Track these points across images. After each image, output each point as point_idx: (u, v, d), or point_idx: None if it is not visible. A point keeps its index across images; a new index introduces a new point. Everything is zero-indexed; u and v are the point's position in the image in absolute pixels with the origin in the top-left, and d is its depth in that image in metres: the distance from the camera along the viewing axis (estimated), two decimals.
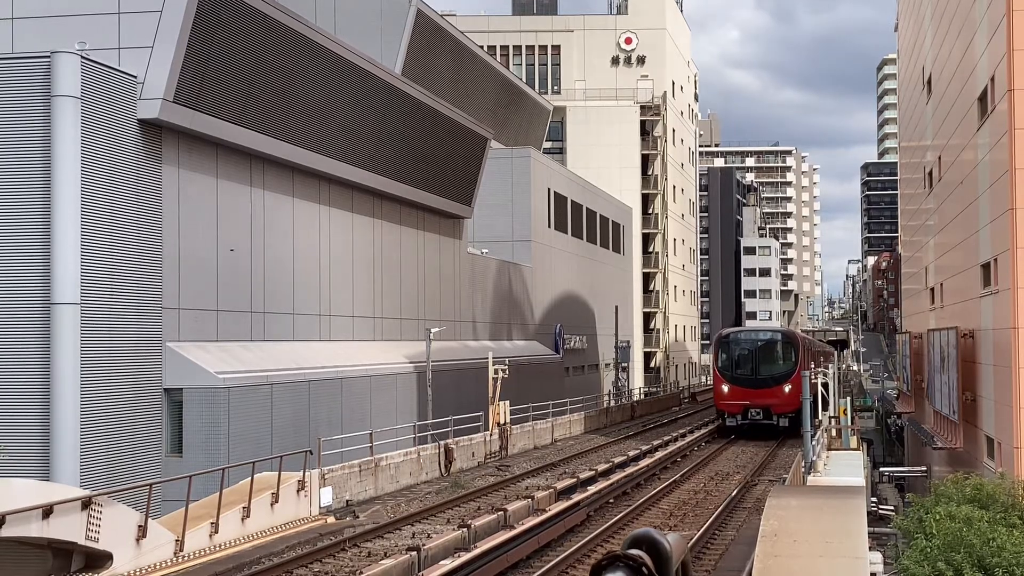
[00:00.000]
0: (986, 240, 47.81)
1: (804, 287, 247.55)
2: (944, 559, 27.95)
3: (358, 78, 39.74)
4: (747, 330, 59.62)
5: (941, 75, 63.49)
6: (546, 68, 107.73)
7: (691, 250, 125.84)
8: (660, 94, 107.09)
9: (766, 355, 54.83)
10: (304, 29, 35.64)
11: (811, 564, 16.37)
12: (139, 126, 30.01)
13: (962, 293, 55.79)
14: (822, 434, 40.06)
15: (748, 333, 57.48)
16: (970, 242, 52.47)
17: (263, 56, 33.62)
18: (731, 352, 54.86)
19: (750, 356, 54.56)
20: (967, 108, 52.30)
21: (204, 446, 30.93)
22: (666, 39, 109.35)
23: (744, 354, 54.84)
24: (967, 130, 52.61)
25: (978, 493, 33.43)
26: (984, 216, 48.27)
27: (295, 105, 36.01)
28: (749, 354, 54.68)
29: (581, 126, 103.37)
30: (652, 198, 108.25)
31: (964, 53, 52.75)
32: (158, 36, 29.67)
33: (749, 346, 55.05)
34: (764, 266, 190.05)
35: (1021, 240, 41.83)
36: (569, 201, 71.78)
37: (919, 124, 76.97)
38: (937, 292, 67.45)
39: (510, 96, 69.47)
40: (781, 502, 19.77)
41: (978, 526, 28.72)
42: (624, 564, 3.25)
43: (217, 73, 31.68)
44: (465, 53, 59.18)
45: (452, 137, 49.78)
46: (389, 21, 49.80)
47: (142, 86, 29.76)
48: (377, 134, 42.20)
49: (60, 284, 27.66)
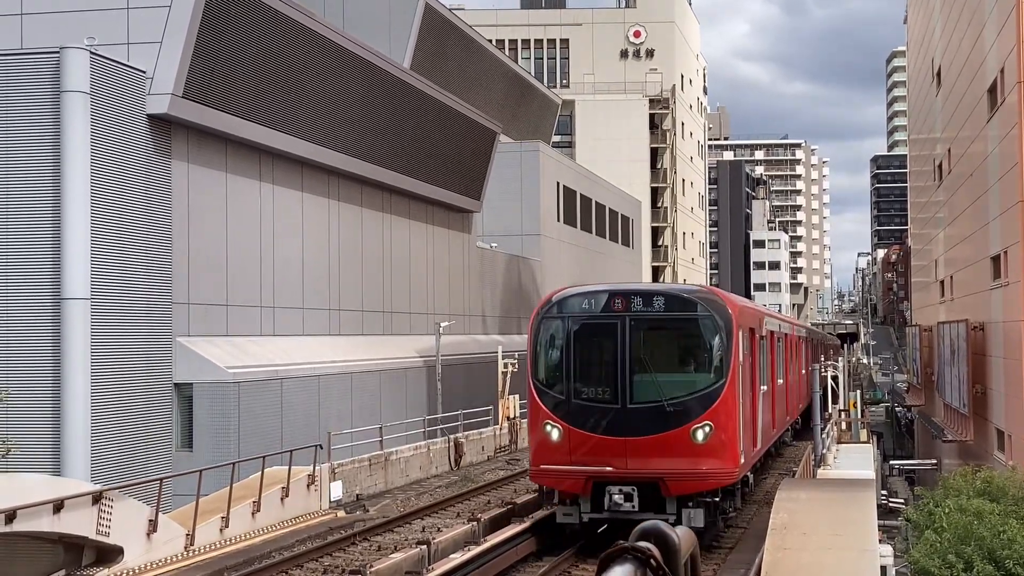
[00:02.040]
0: (996, 232, 47.68)
1: (814, 280, 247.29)
2: (954, 552, 27.91)
3: (367, 73, 39.74)
4: (603, 292, 23.22)
5: (951, 67, 63.34)
6: (555, 62, 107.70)
7: (700, 243, 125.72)
8: (669, 87, 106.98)
9: (653, 353, 22.96)
10: (312, 24, 35.64)
11: (820, 556, 16.37)
12: (148, 121, 30.04)
13: (972, 286, 55.66)
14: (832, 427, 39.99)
15: (607, 301, 22.79)
16: (979, 235, 52.33)
17: (272, 51, 33.63)
18: (567, 347, 22.96)
19: (612, 357, 22.53)
20: (976, 100, 52.16)
21: (214, 441, 30.99)
22: (675, 32, 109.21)
23: (595, 351, 23.15)
24: (976, 122, 52.47)
25: (988, 486, 33.38)
26: (994, 208, 48.16)
27: (304, 100, 36.02)
28: (610, 353, 22.58)
29: (590, 120, 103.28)
30: (661, 192, 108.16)
31: (974, 45, 52.61)
32: (167, 31, 29.69)
33: (608, 333, 22.58)
34: (773, 259, 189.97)
35: None
36: (578, 195, 71.72)
37: (928, 116, 76.80)
38: (947, 285, 67.30)
39: (519, 90, 69.41)
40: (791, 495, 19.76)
41: (988, 519, 28.68)
42: (633, 556, 3.26)
43: (226, 68, 31.71)
44: (473, 47, 59.13)
45: (461, 131, 49.76)
46: (397, 15, 49.75)
47: (151, 81, 29.79)
48: (386, 129, 42.20)
49: (70, 275, 27.74)
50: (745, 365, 22.91)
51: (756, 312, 27.89)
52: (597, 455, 21.39)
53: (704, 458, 21.12)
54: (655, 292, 22.72)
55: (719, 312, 21.92)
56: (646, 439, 21.26)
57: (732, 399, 21.58)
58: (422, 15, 50.09)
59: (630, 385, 21.57)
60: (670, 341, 22.86)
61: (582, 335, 22.36)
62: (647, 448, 21.22)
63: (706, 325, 21.94)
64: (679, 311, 22.14)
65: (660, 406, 21.38)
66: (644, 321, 21.81)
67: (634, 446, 21.24)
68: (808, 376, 42.33)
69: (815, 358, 48.02)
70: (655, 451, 21.23)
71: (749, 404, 23.60)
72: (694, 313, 22.08)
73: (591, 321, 22.27)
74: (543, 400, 22.29)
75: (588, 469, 21.40)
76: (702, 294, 22.97)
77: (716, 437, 21.21)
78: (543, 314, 22.59)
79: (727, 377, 21.43)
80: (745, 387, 22.72)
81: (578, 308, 22.35)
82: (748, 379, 23.45)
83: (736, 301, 24.41)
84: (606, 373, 22.02)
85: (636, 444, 21.23)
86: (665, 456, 21.12)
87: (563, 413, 21.91)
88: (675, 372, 22.54)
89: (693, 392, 21.62)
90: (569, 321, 22.38)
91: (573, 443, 21.65)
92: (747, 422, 23.14)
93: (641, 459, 21.20)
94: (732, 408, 21.62)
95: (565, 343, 22.32)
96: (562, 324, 22.42)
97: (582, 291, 22.75)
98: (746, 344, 23.25)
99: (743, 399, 22.37)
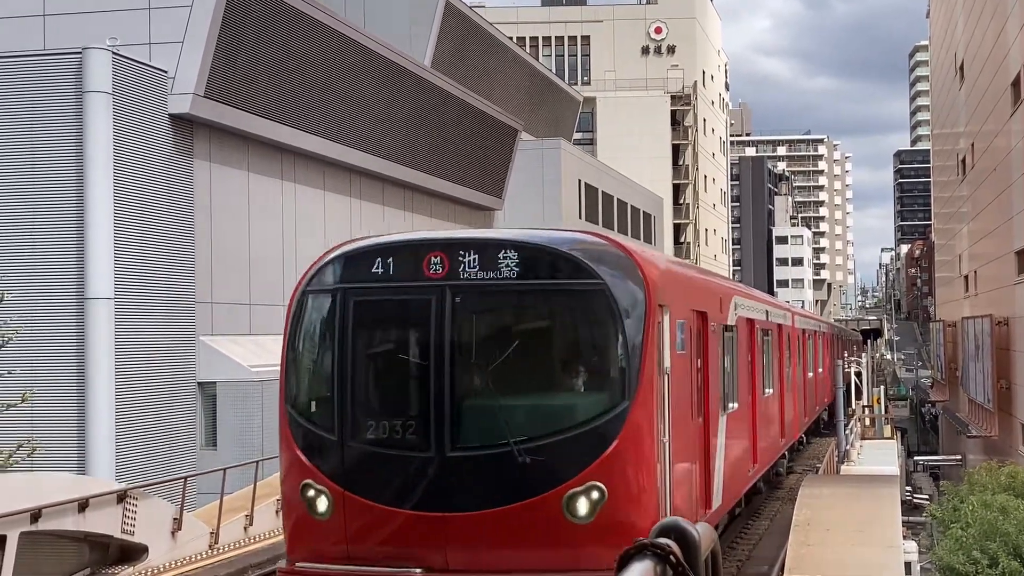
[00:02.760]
0: (1021, 227, 47.50)
1: (837, 276, 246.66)
2: (979, 548, 27.84)
3: (388, 71, 39.79)
4: (408, 244, 12.57)
5: (973, 61, 63.08)
6: (576, 59, 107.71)
7: (723, 240, 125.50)
8: (690, 84, 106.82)
9: (496, 355, 12.05)
10: (333, 22, 35.70)
11: (844, 553, 16.32)
12: (170, 120, 30.16)
13: (996, 280, 55.45)
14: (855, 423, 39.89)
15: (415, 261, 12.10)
16: (1004, 229, 52.11)
17: (293, 50, 33.71)
18: (341, 345, 12.44)
19: (422, 364, 12.05)
20: (1000, 95, 51.94)
21: (238, 439, 31.10)
22: (696, 28, 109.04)
23: (392, 352, 12.93)
24: (1000, 117, 52.24)
25: (1013, 481, 33.27)
26: (1018, 203, 47.96)
27: (325, 99, 36.10)
28: (419, 354, 12.18)
29: (611, 116, 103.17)
30: (683, 188, 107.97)
31: (997, 39, 52.38)
32: (188, 31, 29.80)
33: (416, 318, 12.21)
34: (796, 255, 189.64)
35: None
36: (600, 192, 71.65)
37: (952, 111, 76.49)
38: (971, 280, 67.04)
39: (540, 87, 69.39)
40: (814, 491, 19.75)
41: (1014, 515, 28.60)
42: (652, 552, 3.25)
43: (247, 67, 31.80)
44: (494, 45, 59.14)
45: (482, 129, 49.79)
46: (418, 13, 49.76)
47: (173, 81, 29.91)
48: (407, 126, 42.25)
49: (94, 274, 27.90)
50: (680, 374, 13.18)
51: (711, 286, 17.63)
52: (396, 545, 11.84)
53: (590, 548, 11.31)
54: (502, 243, 12.12)
55: (622, 278, 11.96)
56: (482, 516, 11.56)
57: (645, 437, 11.81)
58: (443, 13, 50.10)
59: (453, 415, 11.72)
60: (529, 332, 12.69)
61: (368, 322, 12.59)
62: (485, 532, 11.59)
63: (595, 301, 11.98)
64: (546, 277, 12.11)
65: (507, 454, 11.49)
66: (481, 295, 12.09)
67: (461, 529, 11.62)
68: (818, 378, 36.09)
69: (834, 355, 43.31)
70: (500, 538, 11.59)
71: (692, 441, 14.09)
72: (574, 281, 11.97)
73: (386, 297, 12.41)
74: (299, 440, 12.64)
75: (379, 572, 11.78)
76: (588, 246, 12.26)
77: (613, 508, 11.41)
78: (306, 287, 12.73)
79: (634, 397, 11.67)
80: (680, 412, 12.98)
81: (365, 274, 12.32)
82: (688, 397, 13.78)
83: (660, 262, 13.81)
84: (411, 393, 12.21)
85: (464, 525, 11.61)
86: (518, 546, 11.56)
87: (333, 466, 12.15)
88: (537, 390, 12.41)
89: (570, 427, 11.74)
90: (347, 297, 12.40)
91: (351, 522, 11.96)
92: (683, 474, 13.26)
93: (473, 551, 11.64)
94: (645, 452, 11.82)
95: (338, 337, 12.39)
96: (335, 302, 12.47)
97: (373, 244, 12.65)
98: (685, 337, 13.68)
99: (672, 434, 12.44)
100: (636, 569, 3.14)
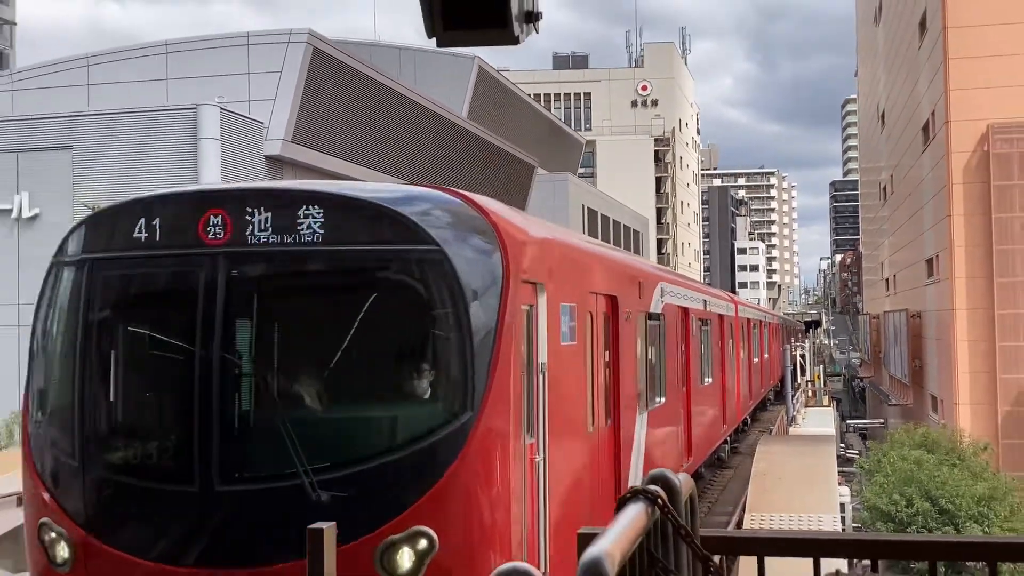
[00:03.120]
0: (929, 240, 47.26)
1: (785, 279, 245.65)
2: (899, 492, 27.68)
3: (433, 121, 39.86)
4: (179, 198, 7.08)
5: (892, 110, 62.72)
6: (580, 110, 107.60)
7: (696, 251, 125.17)
8: (670, 129, 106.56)
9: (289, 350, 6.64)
10: (391, 83, 35.80)
11: (793, 496, 16.27)
12: (265, 161, 30.27)
13: (911, 282, 55.16)
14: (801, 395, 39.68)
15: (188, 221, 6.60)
16: (917, 242, 51.87)
17: (359, 104, 33.81)
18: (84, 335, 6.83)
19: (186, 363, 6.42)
20: (913, 137, 51.66)
21: None
22: (674, 85, 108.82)
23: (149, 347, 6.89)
24: (914, 154, 51.98)
25: (925, 440, 33.07)
26: (928, 221, 47.73)
27: (385, 142, 36.17)
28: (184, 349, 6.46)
29: (608, 155, 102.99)
30: (664, 211, 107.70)
31: (911, 93, 52.07)
32: (279, 90, 29.93)
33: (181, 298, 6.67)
34: (753, 263, 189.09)
35: (956, 240, 41.27)
36: (599, 215, 71.51)
37: (875, 149, 76.09)
38: (891, 281, 66.67)
39: (551, 133, 69.36)
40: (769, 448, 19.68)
41: (925, 466, 28.42)
42: (644, 496, 3.28)
43: (325, 118, 31.89)
44: (516, 100, 59.15)
45: (505, 166, 49.80)
46: (457, 76, 49.84)
47: (267, 129, 30.02)
48: (448, 164, 42.30)
49: None
50: (567, 372, 8.33)
51: (626, 269, 11.80)
52: None
53: None
54: (304, 195, 6.77)
55: (470, 244, 6.89)
56: (264, 574, 6.29)
57: (496, 461, 6.56)
58: (476, 76, 50.21)
59: (224, 434, 6.46)
60: (332, 318, 6.90)
61: (119, 305, 7.22)
62: None
63: (427, 274, 6.61)
64: (362, 241, 6.69)
65: (298, 489, 6.28)
66: (267, 265, 6.71)
67: None
68: (764, 363, 32.61)
69: (781, 342, 39.88)
70: None
71: (590, 452, 9.09)
72: (400, 247, 6.63)
73: (142, 270, 7.04)
74: (40, 463, 7.12)
75: None
76: (424, 201, 7.10)
77: (447, 562, 6.24)
78: (56, 255, 7.49)
79: (480, 406, 6.42)
80: (567, 419, 8.27)
81: (123, 240, 6.95)
82: (581, 400, 8.90)
83: (533, 229, 8.68)
84: (168, 404, 6.93)
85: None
86: None
87: (74, 501, 6.83)
88: (342, 400, 6.91)
89: (388, 449, 6.47)
90: (94, 271, 7.08)
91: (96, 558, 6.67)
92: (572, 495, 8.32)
93: None
94: (496, 482, 6.54)
95: (81, 326, 7.05)
96: (80, 278, 7.13)
97: (137, 199, 7.20)
98: (577, 325, 8.70)
99: (551, 450, 7.61)
100: (632, 508, 3.16)
